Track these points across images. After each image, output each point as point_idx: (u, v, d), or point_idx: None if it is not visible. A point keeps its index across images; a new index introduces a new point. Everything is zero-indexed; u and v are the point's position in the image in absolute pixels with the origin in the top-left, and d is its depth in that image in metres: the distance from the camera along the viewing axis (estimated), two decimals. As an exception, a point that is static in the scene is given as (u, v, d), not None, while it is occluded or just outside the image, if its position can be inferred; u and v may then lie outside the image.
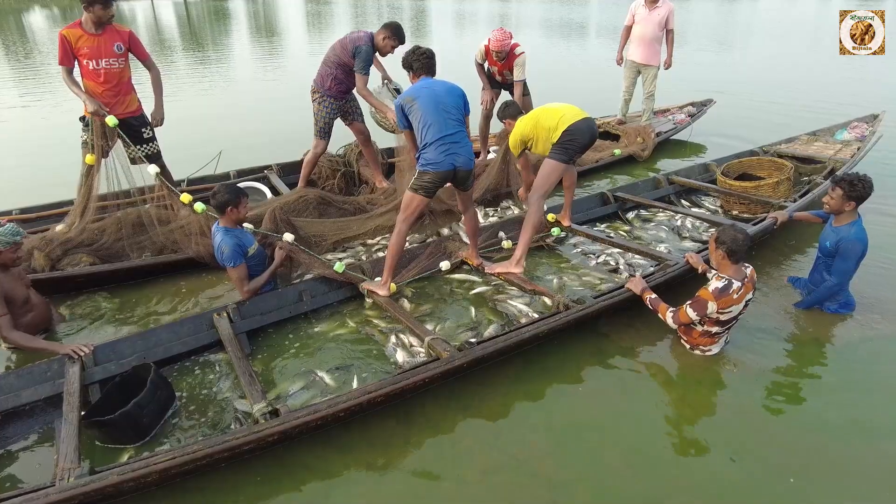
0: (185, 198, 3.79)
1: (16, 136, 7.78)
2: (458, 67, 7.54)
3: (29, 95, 10.21)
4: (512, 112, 4.34)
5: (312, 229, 4.12)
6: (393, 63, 4.39)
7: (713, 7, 32.61)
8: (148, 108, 4.24)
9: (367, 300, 3.60)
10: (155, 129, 4.29)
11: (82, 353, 2.88)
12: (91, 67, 3.85)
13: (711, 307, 2.93)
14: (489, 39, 5.28)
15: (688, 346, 3.22)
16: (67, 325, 3.51)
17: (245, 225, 3.56)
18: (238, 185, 3.48)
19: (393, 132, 4.81)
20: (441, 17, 26.66)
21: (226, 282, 3.91)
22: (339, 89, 4.66)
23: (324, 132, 4.81)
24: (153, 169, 3.96)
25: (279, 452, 2.52)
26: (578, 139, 3.80)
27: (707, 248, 3.34)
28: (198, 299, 3.80)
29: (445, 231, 4.56)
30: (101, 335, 3.41)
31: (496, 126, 6.10)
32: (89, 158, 3.87)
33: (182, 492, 2.35)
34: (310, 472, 2.48)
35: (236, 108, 9.45)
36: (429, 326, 3.29)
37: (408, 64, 3.62)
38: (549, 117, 3.87)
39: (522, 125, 4.01)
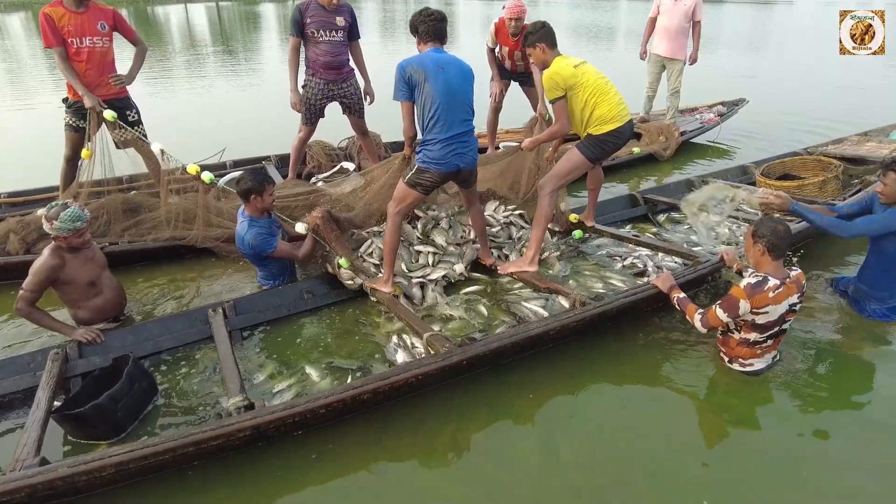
0: (193, 168, 3.64)
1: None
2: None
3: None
4: (548, 36, 3.39)
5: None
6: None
7: (748, 11, 31.82)
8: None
9: (371, 298, 3.39)
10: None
11: (93, 340, 2.79)
12: (75, 46, 3.71)
13: (744, 306, 2.57)
14: (504, 9, 4.80)
15: (726, 360, 2.84)
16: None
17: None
18: (261, 173, 3.35)
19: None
20: (469, 20, 26.65)
21: (228, 270, 3.83)
22: (317, 65, 4.40)
23: (308, 118, 4.58)
24: (157, 146, 3.80)
25: (256, 453, 2.29)
26: (619, 143, 3.49)
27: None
28: (198, 288, 3.66)
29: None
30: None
31: (504, 120, 5.70)
32: (85, 153, 3.78)
33: (146, 493, 2.14)
34: (287, 475, 2.24)
35: (250, 101, 9.55)
36: (435, 327, 3.03)
37: (413, 27, 3.14)
38: (609, 102, 3.36)
39: (575, 72, 3.32)
